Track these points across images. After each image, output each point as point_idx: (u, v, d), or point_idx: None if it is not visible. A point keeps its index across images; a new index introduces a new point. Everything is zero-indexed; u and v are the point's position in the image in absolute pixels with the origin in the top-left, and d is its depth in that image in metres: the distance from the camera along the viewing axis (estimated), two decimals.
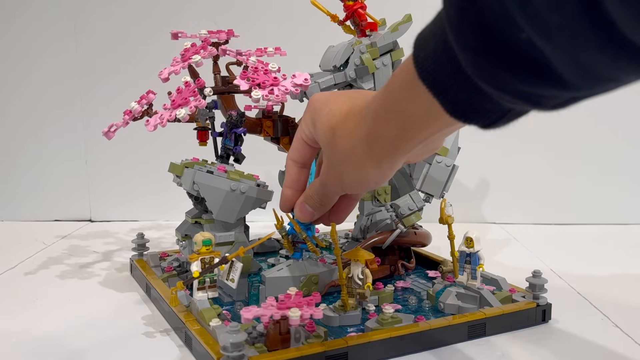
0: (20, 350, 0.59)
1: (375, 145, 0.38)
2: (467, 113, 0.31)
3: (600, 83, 0.25)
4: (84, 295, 0.75)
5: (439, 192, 0.73)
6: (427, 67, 0.31)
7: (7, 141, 1.21)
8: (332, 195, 0.46)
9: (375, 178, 0.40)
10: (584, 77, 0.25)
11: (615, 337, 0.63)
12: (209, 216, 0.69)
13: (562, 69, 0.25)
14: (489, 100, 0.30)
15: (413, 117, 0.34)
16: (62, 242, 1.03)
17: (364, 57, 0.72)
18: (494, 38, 0.26)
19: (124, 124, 0.71)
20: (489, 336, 0.62)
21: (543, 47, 0.24)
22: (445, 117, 0.32)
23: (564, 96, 0.27)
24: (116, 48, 1.17)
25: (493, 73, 0.27)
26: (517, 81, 0.27)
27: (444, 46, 0.29)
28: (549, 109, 0.29)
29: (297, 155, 0.47)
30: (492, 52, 0.26)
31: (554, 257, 0.94)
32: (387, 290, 0.68)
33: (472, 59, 0.28)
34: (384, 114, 0.36)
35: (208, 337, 0.55)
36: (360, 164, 0.39)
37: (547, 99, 0.28)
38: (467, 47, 0.27)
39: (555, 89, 0.26)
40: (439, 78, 0.30)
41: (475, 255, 0.65)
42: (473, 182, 1.21)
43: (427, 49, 0.31)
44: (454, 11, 0.27)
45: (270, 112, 0.78)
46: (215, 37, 0.75)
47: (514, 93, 0.28)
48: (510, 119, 0.31)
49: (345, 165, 0.41)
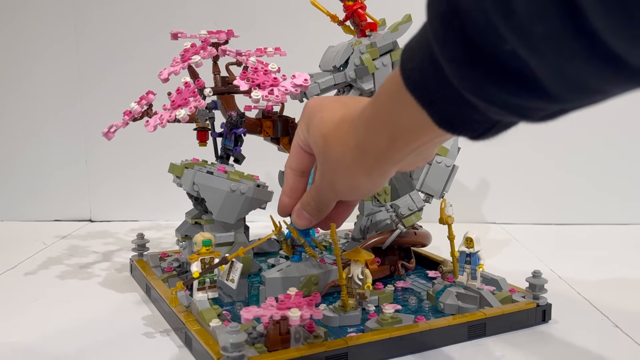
0: (20, 350, 0.59)
1: (365, 154, 0.38)
2: (455, 125, 0.31)
3: (587, 95, 0.25)
4: (84, 295, 0.75)
5: (439, 193, 0.73)
6: (414, 79, 0.30)
7: (8, 141, 1.21)
8: (327, 201, 0.46)
9: (366, 186, 0.40)
10: (569, 89, 0.25)
11: (615, 337, 0.63)
12: (209, 217, 0.69)
13: (548, 80, 0.25)
14: (477, 111, 0.29)
15: (403, 127, 0.34)
16: (62, 242, 1.03)
17: (364, 58, 0.72)
18: (478, 50, 0.25)
19: (123, 124, 0.71)
20: (489, 336, 0.62)
21: (527, 58, 0.24)
22: (434, 128, 0.31)
23: (551, 108, 0.27)
24: (116, 48, 1.17)
25: (478, 85, 0.27)
26: (503, 93, 0.26)
27: (430, 58, 0.29)
28: (537, 120, 0.28)
29: (295, 163, 0.47)
30: (477, 64, 0.26)
31: (554, 257, 0.94)
32: (387, 291, 0.68)
33: (457, 71, 0.27)
34: (374, 124, 0.36)
35: (208, 338, 0.55)
36: (351, 172, 0.39)
37: (534, 111, 0.27)
38: (452, 59, 0.27)
39: (541, 101, 0.26)
40: (427, 90, 0.30)
41: (475, 255, 0.65)
42: (473, 182, 1.21)
43: (413, 60, 0.30)
44: (437, 22, 0.27)
45: (270, 113, 0.78)
46: (215, 37, 0.75)
47: (501, 105, 0.27)
48: (499, 130, 0.31)
49: (337, 173, 0.41)
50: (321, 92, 0.74)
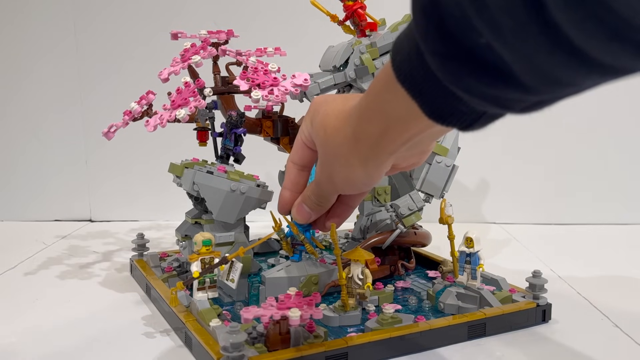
0: (20, 350, 0.59)
1: (360, 143, 0.39)
2: (444, 115, 0.31)
3: (559, 87, 0.25)
4: (84, 295, 0.75)
5: (439, 192, 0.73)
6: (404, 71, 0.31)
7: (8, 141, 1.21)
8: (327, 195, 0.46)
9: (362, 179, 0.41)
10: (541, 81, 0.25)
11: (615, 337, 0.63)
12: (209, 216, 0.69)
13: (521, 73, 0.25)
14: (463, 103, 0.30)
15: (395, 117, 0.35)
16: (62, 242, 1.03)
17: (364, 57, 0.72)
18: (456, 42, 0.26)
19: (123, 124, 0.71)
20: (489, 336, 0.62)
21: (501, 51, 0.25)
22: (424, 119, 0.32)
23: (529, 100, 0.28)
24: (116, 48, 1.17)
25: (459, 77, 0.27)
26: (482, 85, 0.27)
27: (417, 50, 0.29)
28: (518, 112, 0.29)
29: (297, 158, 0.48)
30: (457, 56, 0.27)
31: (554, 257, 0.94)
32: (387, 290, 0.68)
33: (439, 64, 0.28)
34: (368, 114, 0.37)
35: (208, 337, 0.55)
36: (348, 163, 0.40)
37: (513, 102, 0.28)
38: (433, 51, 0.28)
39: (518, 92, 0.27)
40: (415, 81, 0.31)
41: (475, 255, 0.65)
42: (473, 182, 1.21)
43: (402, 52, 0.31)
44: (419, 15, 0.27)
45: (270, 113, 0.78)
46: (215, 37, 0.75)
47: (482, 96, 0.28)
48: (486, 121, 0.32)
49: (335, 164, 0.41)
50: (321, 92, 0.74)
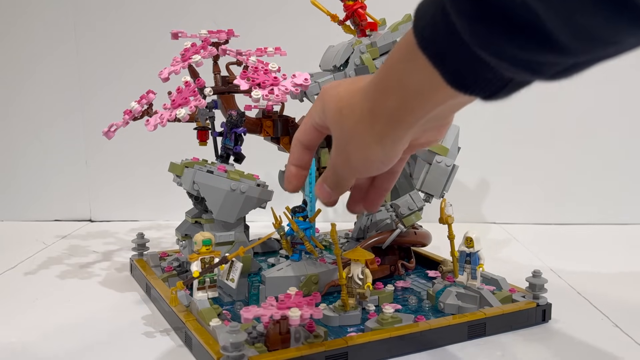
0: (20, 350, 0.59)
1: (377, 119, 0.37)
2: (467, 83, 0.30)
3: (599, 46, 0.24)
4: (84, 295, 0.75)
5: (439, 192, 0.72)
6: (427, 37, 0.30)
7: (8, 141, 1.21)
8: (344, 178, 0.46)
9: (380, 156, 0.40)
10: (581, 40, 0.24)
11: (615, 337, 0.63)
12: (209, 216, 0.69)
13: (558, 31, 0.24)
14: (489, 69, 0.29)
15: (414, 88, 0.34)
16: (62, 242, 1.03)
17: (364, 57, 0.72)
18: (489, 2, 0.25)
19: (124, 123, 0.71)
20: (489, 336, 0.62)
21: (537, 8, 0.24)
22: (446, 89, 0.31)
23: (563, 62, 0.27)
24: (116, 48, 1.17)
25: (490, 40, 0.27)
26: (515, 47, 0.26)
27: (443, 14, 0.29)
28: (549, 77, 0.28)
29: (304, 137, 0.47)
30: (488, 17, 0.26)
31: (554, 256, 0.94)
32: (387, 290, 0.68)
33: (469, 26, 0.27)
34: (385, 86, 0.36)
35: (208, 337, 0.55)
36: (364, 141, 0.39)
37: (546, 66, 0.27)
38: (463, 13, 0.27)
39: (552, 54, 0.26)
40: (439, 47, 0.30)
41: (475, 255, 0.65)
42: (473, 182, 1.21)
43: (425, 18, 0.30)
44: None
45: (270, 112, 0.78)
46: (215, 37, 0.75)
47: (512, 60, 0.27)
48: (511, 90, 0.31)
49: (351, 145, 0.40)
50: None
